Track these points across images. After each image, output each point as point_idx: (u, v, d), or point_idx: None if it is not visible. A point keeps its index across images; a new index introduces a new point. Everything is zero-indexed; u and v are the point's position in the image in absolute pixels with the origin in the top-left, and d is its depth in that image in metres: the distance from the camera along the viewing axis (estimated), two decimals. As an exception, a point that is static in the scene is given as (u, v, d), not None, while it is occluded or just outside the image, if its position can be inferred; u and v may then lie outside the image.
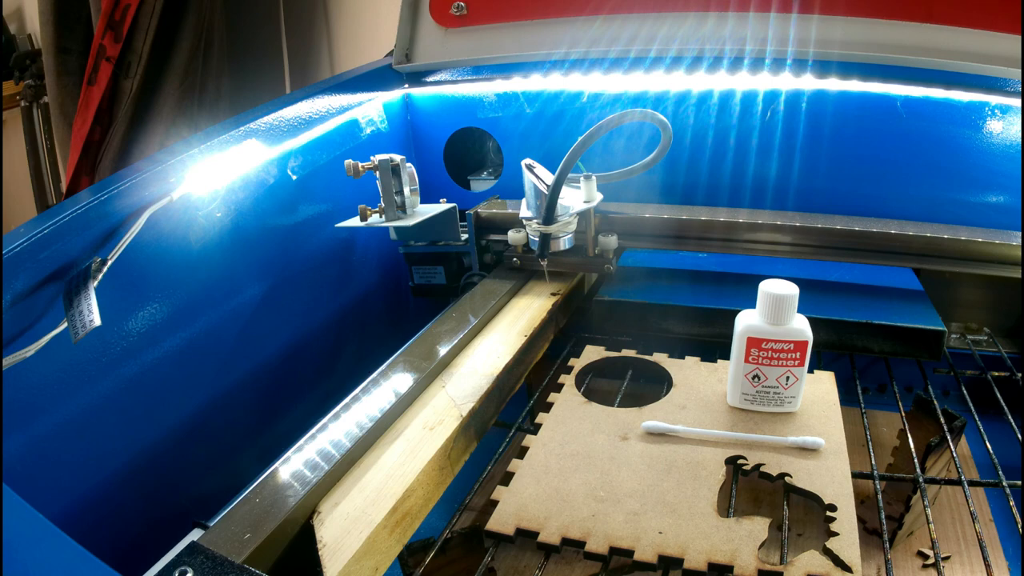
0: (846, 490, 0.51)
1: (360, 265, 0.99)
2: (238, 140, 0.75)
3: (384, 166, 0.81)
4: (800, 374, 0.59)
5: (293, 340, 0.86)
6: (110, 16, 1.52)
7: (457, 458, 0.56)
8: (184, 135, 0.92)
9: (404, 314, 1.09)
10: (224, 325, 0.75)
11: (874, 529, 0.63)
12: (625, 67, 0.94)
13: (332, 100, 0.91)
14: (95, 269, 0.55)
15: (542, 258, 0.79)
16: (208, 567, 0.38)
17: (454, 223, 0.91)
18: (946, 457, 0.61)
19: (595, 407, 0.64)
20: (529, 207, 0.80)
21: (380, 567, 0.46)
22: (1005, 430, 0.64)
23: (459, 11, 0.99)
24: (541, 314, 0.75)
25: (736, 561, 0.45)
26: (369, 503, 0.48)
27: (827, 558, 0.45)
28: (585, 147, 0.72)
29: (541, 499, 0.52)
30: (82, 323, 0.51)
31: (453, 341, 0.68)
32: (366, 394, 0.59)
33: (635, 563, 0.47)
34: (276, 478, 0.48)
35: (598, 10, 0.93)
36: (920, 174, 0.90)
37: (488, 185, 1.10)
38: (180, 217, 0.68)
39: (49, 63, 1.69)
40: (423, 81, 1.06)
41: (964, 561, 0.64)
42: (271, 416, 0.83)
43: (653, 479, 0.53)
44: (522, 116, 1.03)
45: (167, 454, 0.68)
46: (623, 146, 0.94)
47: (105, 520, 0.62)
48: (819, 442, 0.56)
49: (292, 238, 0.85)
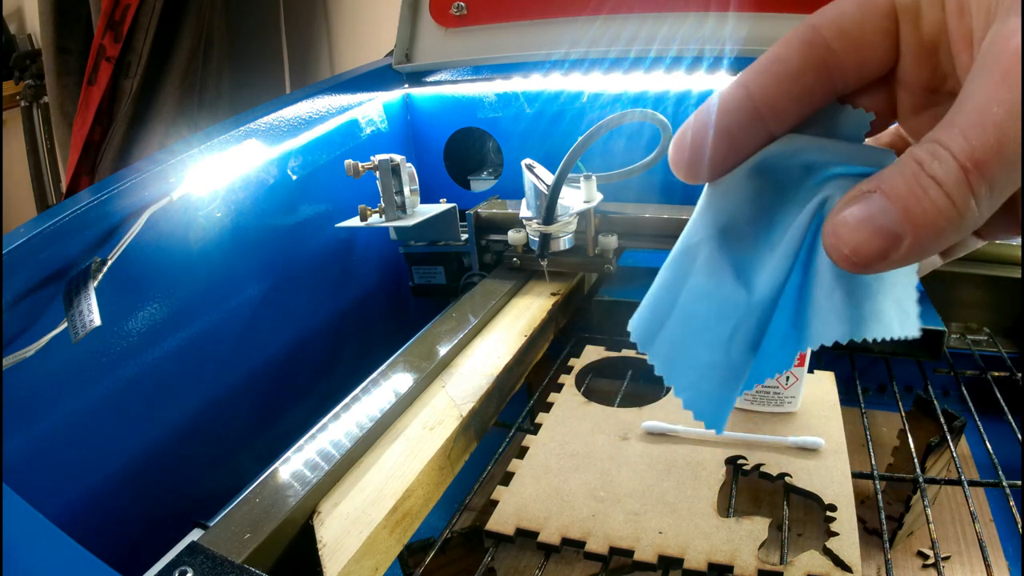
0: (846, 490, 0.51)
1: (360, 265, 0.99)
2: (238, 140, 0.75)
3: (384, 166, 0.81)
4: (800, 374, 0.59)
5: (293, 340, 0.86)
6: (110, 16, 1.52)
7: (457, 458, 0.56)
8: (184, 135, 0.92)
9: (404, 314, 1.09)
10: (224, 325, 0.75)
11: (874, 529, 0.63)
12: (625, 67, 0.94)
13: (332, 100, 0.91)
14: (95, 269, 0.55)
15: (542, 258, 0.79)
16: (208, 567, 0.38)
17: (454, 223, 0.91)
18: (946, 457, 0.61)
19: (595, 407, 0.64)
20: (529, 207, 0.80)
21: (380, 567, 0.46)
22: (1005, 430, 0.64)
23: (459, 11, 0.99)
24: (541, 314, 0.75)
25: (736, 561, 0.45)
26: (369, 503, 0.48)
27: (827, 558, 0.45)
28: (585, 147, 0.72)
29: (541, 499, 0.52)
30: (82, 323, 0.51)
31: (453, 341, 0.68)
32: (366, 394, 0.59)
33: (635, 563, 0.47)
34: (276, 478, 0.48)
35: (598, 10, 0.92)
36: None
37: (488, 185, 1.10)
38: (180, 217, 0.68)
39: (49, 63, 1.69)
40: (423, 81, 1.06)
41: (964, 561, 0.64)
42: (271, 416, 0.82)
43: (653, 479, 0.53)
44: (522, 116, 1.03)
45: (167, 454, 0.68)
46: (623, 146, 0.94)
47: (105, 520, 0.62)
48: (819, 442, 0.56)
49: (292, 238, 0.85)
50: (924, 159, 0.16)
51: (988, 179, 0.16)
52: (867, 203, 0.17)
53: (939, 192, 0.16)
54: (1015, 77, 0.15)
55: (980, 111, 0.16)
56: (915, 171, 0.16)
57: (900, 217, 0.16)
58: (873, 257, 0.17)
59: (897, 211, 0.16)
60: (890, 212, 0.16)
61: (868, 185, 0.17)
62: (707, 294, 0.21)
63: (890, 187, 0.17)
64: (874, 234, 0.17)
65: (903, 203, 0.16)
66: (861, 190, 0.17)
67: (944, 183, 0.16)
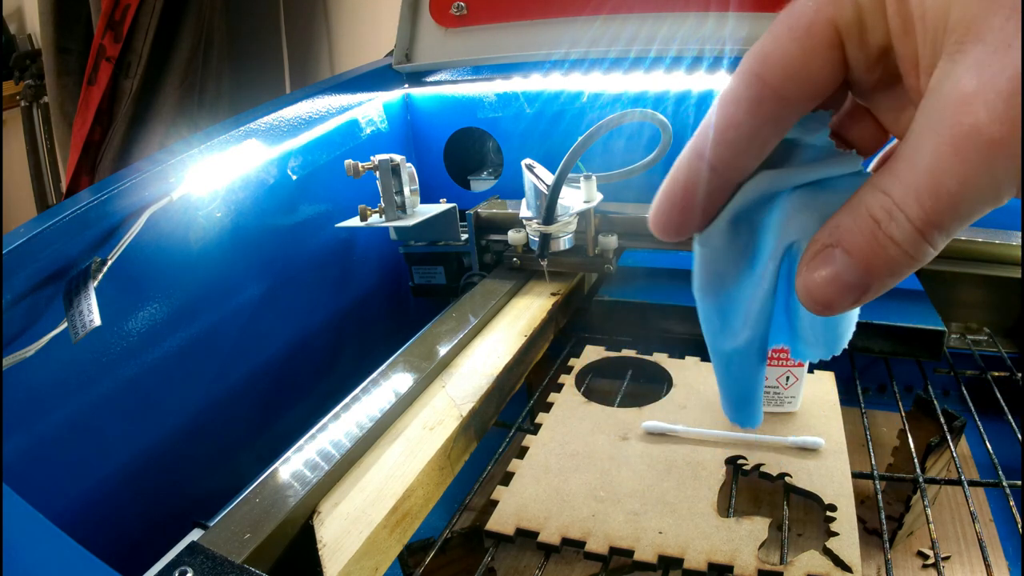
0: (846, 490, 0.51)
1: (360, 265, 0.99)
2: (238, 140, 0.75)
3: (384, 166, 0.81)
4: (800, 374, 0.59)
5: (293, 340, 0.86)
6: (110, 16, 1.52)
7: (457, 458, 0.56)
8: (184, 135, 0.92)
9: (404, 314, 1.09)
10: (224, 325, 0.75)
11: (874, 529, 0.63)
12: (625, 67, 0.94)
13: (332, 100, 0.91)
14: (95, 269, 0.55)
15: (542, 258, 0.79)
16: (208, 567, 0.38)
17: (454, 223, 0.91)
18: (946, 457, 0.61)
19: (595, 407, 0.64)
20: (529, 207, 0.80)
21: (380, 567, 0.46)
22: (1005, 430, 0.64)
23: (459, 11, 0.99)
24: (541, 314, 0.75)
25: (736, 561, 0.45)
26: (369, 503, 0.48)
27: (827, 558, 0.45)
28: (585, 147, 0.72)
29: (541, 499, 0.52)
30: (82, 323, 0.51)
31: (453, 341, 0.68)
32: (366, 394, 0.59)
33: (635, 563, 0.47)
34: (276, 478, 0.48)
35: (598, 10, 0.92)
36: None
37: (488, 185, 1.10)
38: (180, 217, 0.68)
39: (49, 63, 1.69)
40: (423, 81, 1.06)
41: (964, 561, 0.64)
42: (271, 416, 0.82)
43: (653, 479, 0.53)
44: (522, 116, 1.02)
45: (167, 454, 0.68)
46: (623, 146, 0.94)
47: (105, 520, 0.62)
48: (819, 442, 0.56)
49: (292, 238, 0.85)
50: (880, 218, 0.18)
51: (944, 232, 0.17)
52: (831, 262, 0.19)
53: (898, 249, 0.18)
54: (967, 150, 0.16)
55: (933, 178, 0.16)
56: (873, 230, 0.18)
57: (863, 272, 0.18)
58: (844, 306, 0.19)
59: (860, 268, 0.18)
60: (854, 269, 0.18)
61: (828, 238, 0.19)
62: (711, 350, 0.24)
63: (851, 245, 0.18)
64: (843, 289, 0.19)
65: (865, 260, 0.18)
66: (823, 243, 0.19)
67: (902, 243, 0.17)
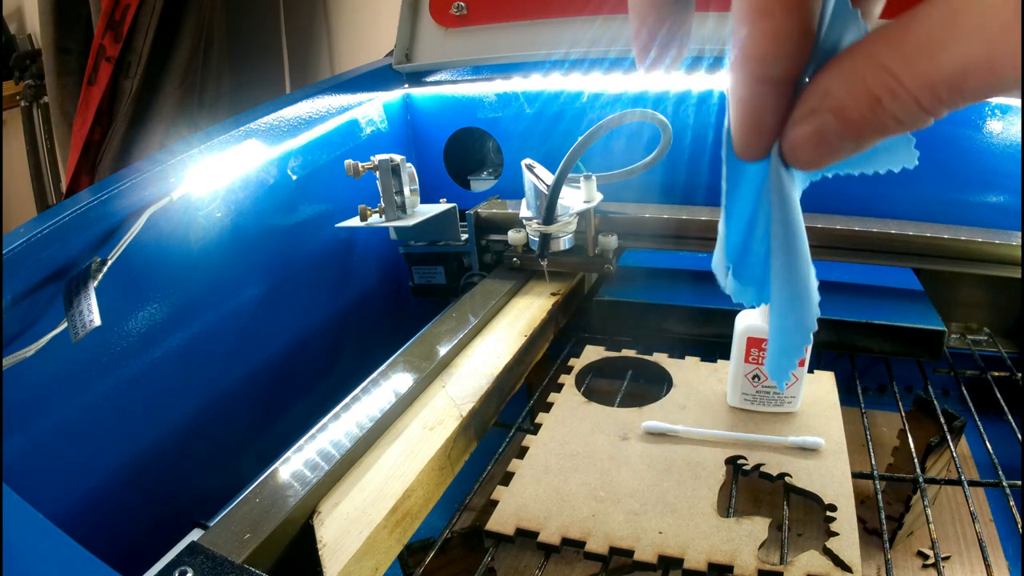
0: (846, 490, 0.51)
1: (360, 265, 0.99)
2: (238, 140, 0.75)
3: (384, 166, 0.81)
4: (800, 374, 0.59)
5: (293, 340, 0.86)
6: (110, 16, 1.52)
7: (457, 458, 0.56)
8: (184, 135, 0.92)
9: (404, 314, 1.09)
10: (224, 325, 0.75)
11: (874, 529, 0.63)
12: (625, 67, 0.94)
13: (332, 100, 0.91)
14: (95, 269, 0.55)
15: (542, 258, 0.79)
16: (208, 567, 0.38)
17: (454, 223, 0.91)
18: (946, 457, 0.61)
19: (595, 407, 0.64)
20: (529, 207, 0.80)
21: (380, 567, 0.46)
22: (1005, 430, 0.64)
23: (459, 11, 0.99)
24: (541, 314, 0.75)
25: (736, 561, 0.45)
26: (369, 503, 0.48)
27: (827, 558, 0.45)
28: (585, 147, 0.72)
29: (541, 499, 0.52)
30: (82, 323, 0.51)
31: (453, 341, 0.68)
32: (366, 394, 0.59)
33: (635, 563, 0.47)
34: (276, 478, 0.48)
35: (598, 10, 0.92)
36: (920, 174, 0.90)
37: (488, 185, 1.10)
38: (180, 217, 0.68)
39: (49, 63, 1.69)
40: (423, 81, 1.06)
41: (964, 561, 0.64)
42: (271, 416, 0.82)
43: (653, 479, 0.53)
44: (522, 116, 1.03)
45: (167, 454, 0.68)
46: (623, 146, 0.94)
47: (105, 520, 0.62)
48: (819, 442, 0.56)
49: (292, 238, 0.85)
50: (882, 96, 0.17)
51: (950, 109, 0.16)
52: (820, 124, 0.18)
53: (897, 124, 0.17)
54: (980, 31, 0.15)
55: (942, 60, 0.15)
56: (872, 106, 0.17)
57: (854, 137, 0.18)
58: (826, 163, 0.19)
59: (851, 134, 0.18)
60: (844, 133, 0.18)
61: (819, 103, 0.18)
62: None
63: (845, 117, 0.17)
64: (829, 151, 0.18)
65: (858, 130, 0.17)
66: (811, 108, 0.18)
67: (905, 121, 0.17)
